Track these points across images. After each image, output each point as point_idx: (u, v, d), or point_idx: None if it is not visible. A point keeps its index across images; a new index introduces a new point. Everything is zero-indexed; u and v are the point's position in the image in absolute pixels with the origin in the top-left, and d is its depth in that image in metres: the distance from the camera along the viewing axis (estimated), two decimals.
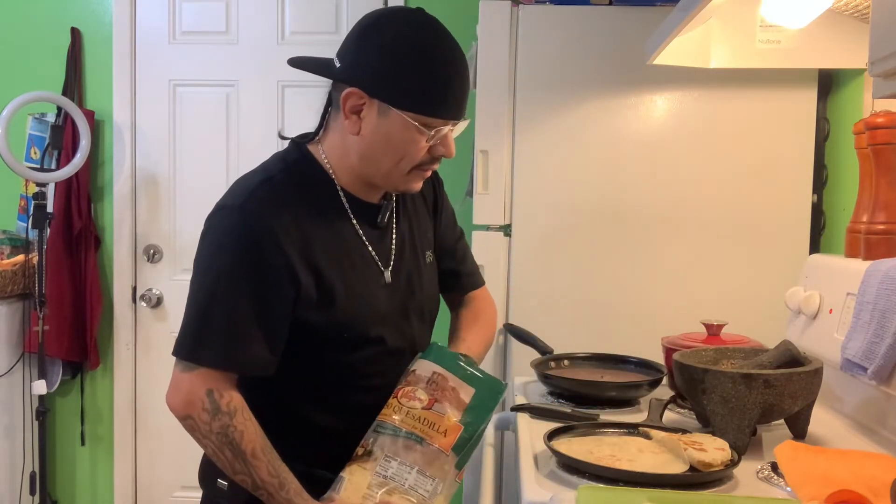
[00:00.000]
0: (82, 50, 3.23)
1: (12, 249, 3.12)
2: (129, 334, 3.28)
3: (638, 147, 2.17)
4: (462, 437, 1.27)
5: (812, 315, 1.73)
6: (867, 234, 1.67)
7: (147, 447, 3.25)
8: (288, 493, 1.23)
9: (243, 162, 3.15)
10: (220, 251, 1.26)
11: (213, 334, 1.24)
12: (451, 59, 1.27)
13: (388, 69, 1.24)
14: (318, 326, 1.29)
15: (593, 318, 2.19)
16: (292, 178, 1.32)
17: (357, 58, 1.27)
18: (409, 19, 1.29)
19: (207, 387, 1.23)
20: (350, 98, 1.26)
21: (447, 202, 1.57)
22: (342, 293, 1.31)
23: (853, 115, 2.02)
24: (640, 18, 2.12)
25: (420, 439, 1.26)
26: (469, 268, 1.60)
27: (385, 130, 1.27)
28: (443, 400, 1.30)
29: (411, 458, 1.26)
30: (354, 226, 1.36)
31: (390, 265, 1.39)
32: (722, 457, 1.27)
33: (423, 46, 1.25)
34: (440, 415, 1.28)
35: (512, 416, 1.67)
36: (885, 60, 0.95)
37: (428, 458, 1.26)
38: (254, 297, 1.24)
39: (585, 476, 1.25)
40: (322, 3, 3.14)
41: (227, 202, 1.29)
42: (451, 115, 1.29)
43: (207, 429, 1.24)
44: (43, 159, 3.14)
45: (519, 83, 2.19)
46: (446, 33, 1.28)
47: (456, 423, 1.28)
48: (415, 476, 1.24)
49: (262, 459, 1.24)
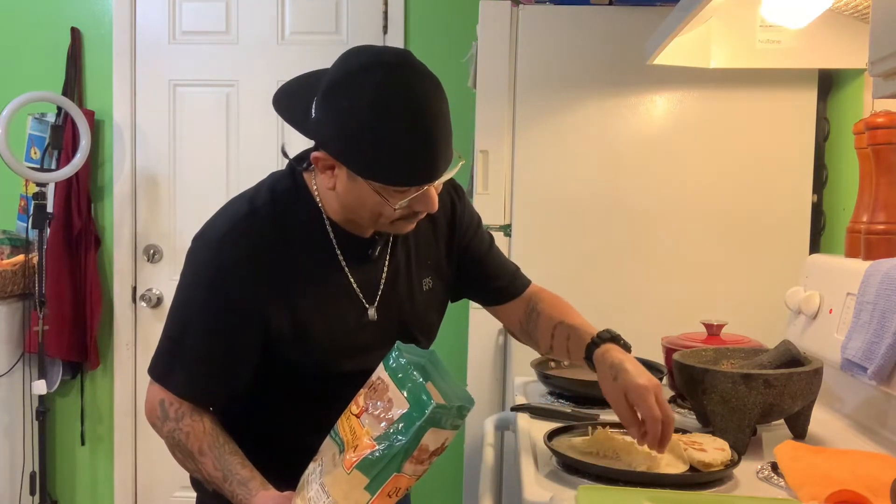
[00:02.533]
0: (82, 50, 3.23)
1: (12, 249, 3.12)
2: (129, 334, 3.28)
3: (638, 147, 2.17)
4: (368, 457, 1.10)
5: (812, 315, 1.73)
6: (867, 234, 1.67)
7: (147, 447, 3.26)
8: (231, 484, 1.25)
9: (243, 162, 3.15)
10: (194, 285, 1.30)
11: (181, 367, 1.30)
12: (413, 126, 1.17)
13: (349, 138, 1.19)
14: (295, 361, 1.32)
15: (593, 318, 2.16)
16: (277, 212, 1.31)
17: (324, 117, 1.22)
18: (372, 79, 1.17)
19: (160, 397, 1.31)
20: (319, 160, 1.24)
21: (468, 212, 1.50)
22: (318, 330, 1.31)
23: (853, 115, 2.02)
24: (640, 18, 2.12)
25: (342, 448, 1.15)
26: (507, 278, 1.54)
27: (356, 192, 1.24)
28: (371, 411, 1.14)
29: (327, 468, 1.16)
30: (340, 262, 1.34)
31: (376, 300, 1.37)
32: (722, 457, 1.27)
33: (380, 116, 1.16)
34: (360, 428, 1.14)
35: (512, 416, 1.67)
36: (885, 60, 0.95)
37: (335, 473, 1.14)
38: (220, 339, 1.29)
39: (585, 476, 1.25)
40: (322, 3, 3.14)
41: (207, 234, 1.31)
42: (419, 182, 1.21)
43: (161, 433, 1.32)
44: (43, 159, 3.14)
45: (519, 83, 2.19)
46: (416, 90, 1.18)
47: (370, 441, 1.11)
48: (317, 488, 1.15)
49: (207, 455, 1.28)
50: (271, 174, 1.39)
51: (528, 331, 1.53)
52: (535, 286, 1.57)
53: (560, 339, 1.46)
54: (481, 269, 1.52)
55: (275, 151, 3.09)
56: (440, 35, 2.97)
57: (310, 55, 3.11)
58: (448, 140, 1.22)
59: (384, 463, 1.10)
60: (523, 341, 1.58)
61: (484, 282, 1.52)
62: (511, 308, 1.54)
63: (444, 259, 1.47)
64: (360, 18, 3.06)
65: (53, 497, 3.25)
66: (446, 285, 1.48)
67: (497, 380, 2.25)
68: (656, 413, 1.25)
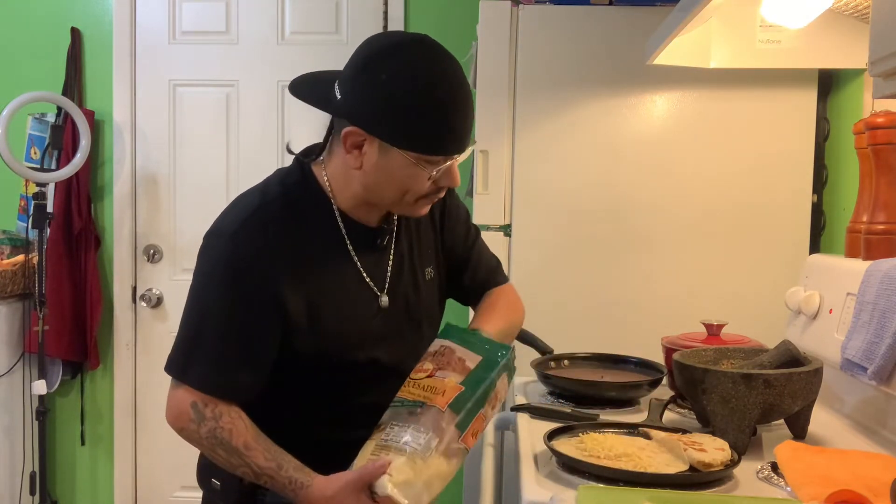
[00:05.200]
0: (82, 50, 3.23)
1: (12, 249, 3.12)
2: (129, 334, 3.28)
3: (638, 147, 2.17)
4: (460, 395, 1.27)
5: (812, 315, 1.74)
6: (867, 234, 1.67)
7: (147, 447, 3.25)
8: (287, 471, 1.27)
9: (243, 162, 3.16)
10: (210, 279, 1.31)
11: (200, 358, 1.30)
12: (453, 97, 1.24)
13: (387, 108, 1.23)
14: (309, 351, 1.33)
15: (593, 318, 2.19)
16: (288, 204, 1.33)
17: (356, 93, 1.25)
18: (409, 53, 1.24)
19: (192, 399, 1.29)
20: (350, 136, 1.26)
21: (455, 207, 1.54)
22: (333, 320, 1.33)
23: (853, 115, 2.02)
24: (640, 18, 2.12)
25: (421, 404, 1.27)
26: (484, 275, 1.57)
27: (387, 167, 1.26)
28: (446, 368, 1.31)
29: (410, 421, 1.26)
30: (350, 252, 1.36)
31: (385, 288, 1.40)
32: (722, 457, 1.27)
33: (424, 85, 1.22)
34: (441, 380, 1.29)
35: (512, 416, 1.67)
36: (885, 60, 0.95)
37: (425, 417, 1.26)
38: (240, 327, 1.29)
39: (585, 476, 1.25)
40: (322, 3, 3.14)
41: (221, 228, 1.32)
42: (452, 151, 1.27)
43: (198, 436, 1.30)
44: (43, 159, 3.14)
45: (519, 83, 2.19)
46: (449, 65, 1.25)
47: (455, 384, 1.28)
48: (409, 433, 1.24)
49: (255, 449, 1.28)
50: (278, 170, 1.41)
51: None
52: (508, 286, 1.60)
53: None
54: (462, 261, 1.54)
55: (275, 151, 3.10)
56: (440, 35, 2.91)
57: (310, 55, 3.11)
58: (474, 114, 1.30)
59: (474, 399, 1.27)
60: None
61: (462, 275, 1.55)
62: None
63: (440, 249, 1.50)
64: (360, 18, 3.07)
65: (53, 497, 3.25)
66: (443, 277, 1.52)
67: None
68: None
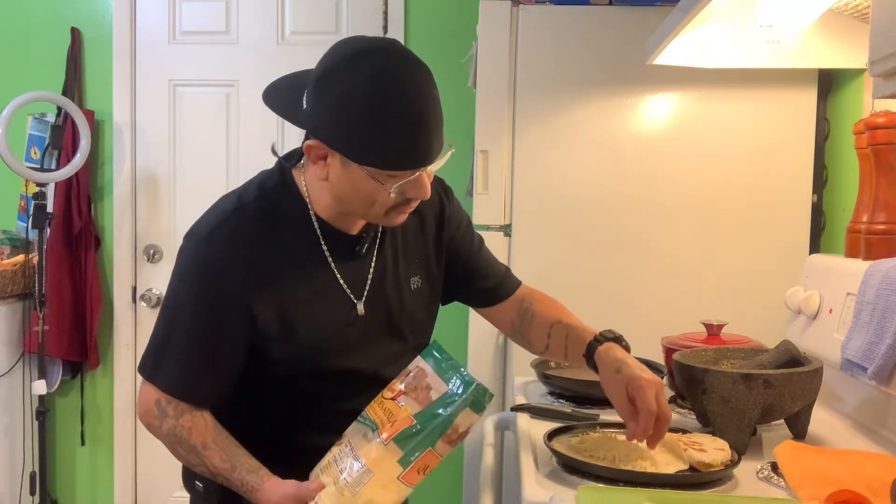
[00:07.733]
0: (82, 50, 3.23)
1: (12, 249, 3.12)
2: (129, 334, 3.28)
3: (638, 147, 2.17)
4: (407, 430, 1.19)
5: (812, 315, 1.74)
6: (867, 234, 1.67)
7: (147, 447, 3.26)
8: (240, 473, 1.26)
9: (243, 162, 3.16)
10: (182, 281, 1.32)
11: (169, 362, 1.31)
12: (410, 110, 1.18)
13: (341, 123, 1.20)
14: (285, 357, 1.32)
15: (593, 318, 2.16)
16: (265, 209, 1.32)
17: (316, 106, 1.22)
18: (367, 64, 1.19)
19: (157, 397, 1.31)
20: (312, 149, 1.25)
21: (456, 212, 1.50)
22: (306, 328, 1.32)
23: (853, 115, 2.02)
24: (640, 18, 2.12)
25: (375, 427, 1.23)
26: (497, 279, 1.54)
27: (350, 179, 1.24)
28: (411, 393, 1.24)
29: (359, 445, 1.23)
30: (327, 258, 1.34)
31: (363, 296, 1.37)
32: (722, 457, 1.27)
33: (379, 98, 1.17)
34: (400, 407, 1.24)
35: (512, 416, 1.67)
36: (885, 60, 0.95)
37: (369, 446, 1.21)
38: (208, 331, 1.29)
39: (585, 476, 1.25)
40: (322, 3, 3.13)
41: (196, 230, 1.32)
42: (411, 166, 1.22)
43: (160, 432, 1.31)
44: (43, 159, 3.14)
45: (519, 83, 2.19)
46: (410, 75, 1.20)
47: (408, 415, 1.21)
48: (349, 460, 1.21)
49: (212, 449, 1.28)
50: (261, 172, 1.40)
51: (522, 331, 1.53)
52: (527, 287, 1.58)
53: (557, 339, 1.46)
54: (470, 268, 1.52)
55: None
56: (440, 35, 2.97)
57: (310, 55, 3.06)
58: (440, 125, 1.23)
59: (422, 436, 1.18)
60: (516, 342, 1.59)
61: (473, 282, 1.52)
62: (502, 309, 1.55)
63: (433, 259, 1.47)
64: (360, 18, 3.06)
65: (53, 497, 3.25)
66: (435, 286, 1.48)
67: (497, 380, 2.25)
68: (653, 406, 1.26)
